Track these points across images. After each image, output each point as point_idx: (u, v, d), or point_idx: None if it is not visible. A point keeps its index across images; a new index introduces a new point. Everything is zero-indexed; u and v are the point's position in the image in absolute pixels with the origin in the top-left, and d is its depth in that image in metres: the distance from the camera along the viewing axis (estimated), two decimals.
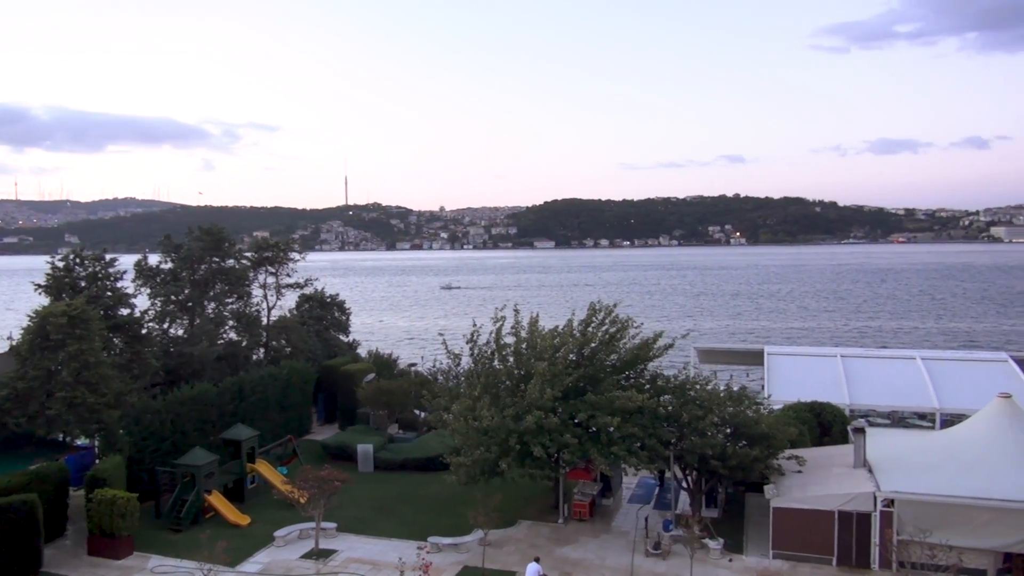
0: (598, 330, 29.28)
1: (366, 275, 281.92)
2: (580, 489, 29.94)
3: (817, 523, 24.71)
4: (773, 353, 41.80)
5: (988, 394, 28.21)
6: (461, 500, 29.41)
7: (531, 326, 30.20)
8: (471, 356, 30.16)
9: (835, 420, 33.01)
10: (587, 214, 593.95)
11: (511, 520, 28.75)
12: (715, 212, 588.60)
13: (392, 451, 37.08)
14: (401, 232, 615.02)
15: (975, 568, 23.16)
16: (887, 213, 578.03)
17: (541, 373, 26.70)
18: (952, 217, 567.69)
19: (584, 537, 27.50)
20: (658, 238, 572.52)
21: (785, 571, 24.40)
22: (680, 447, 26.97)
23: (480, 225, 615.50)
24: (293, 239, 55.81)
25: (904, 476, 25.00)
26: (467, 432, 27.42)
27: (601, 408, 26.46)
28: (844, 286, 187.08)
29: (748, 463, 26.33)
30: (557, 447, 26.59)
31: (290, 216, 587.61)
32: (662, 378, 29.55)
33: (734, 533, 27.21)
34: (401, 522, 29.14)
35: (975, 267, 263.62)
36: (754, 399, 29.13)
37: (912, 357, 40.32)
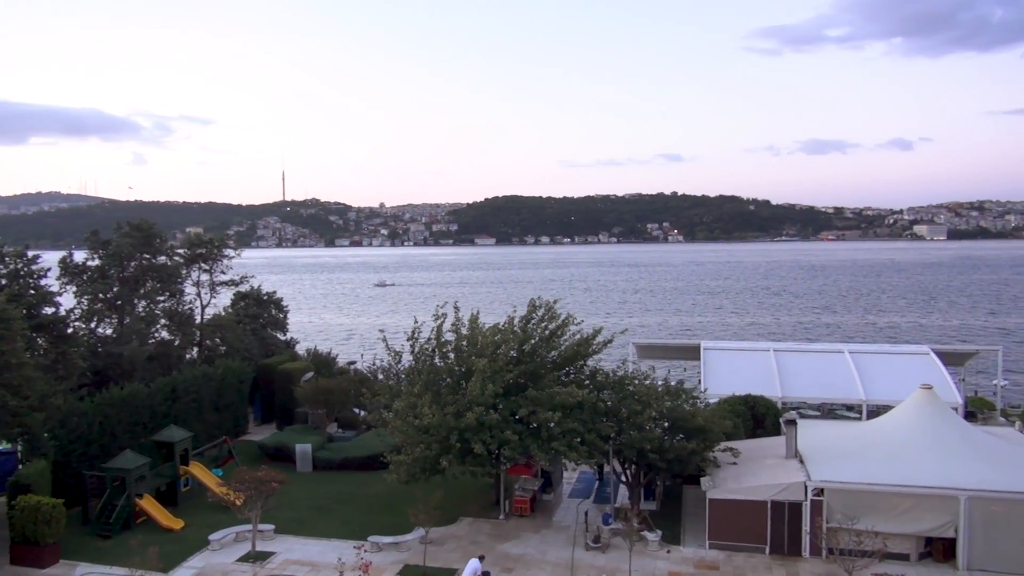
0: (538, 327, 29.46)
1: (304, 272, 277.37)
2: (521, 485, 30.10)
3: (751, 513, 25.38)
4: (709, 348, 42.71)
5: (911, 385, 29.37)
6: (402, 499, 29.23)
7: (472, 323, 30.19)
8: (412, 354, 29.99)
9: (768, 412, 33.93)
10: (528, 211, 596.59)
11: (452, 517, 28.72)
12: (653, 210, 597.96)
13: (331, 450, 36.61)
14: (340, 229, 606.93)
15: (899, 552, 24.13)
16: (817, 211, 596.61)
17: (482, 370, 26.73)
18: (878, 216, 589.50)
19: (525, 533, 27.65)
20: (598, 235, 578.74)
21: (721, 561, 24.98)
22: (619, 441, 27.35)
23: (421, 222, 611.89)
24: (228, 235, 54.96)
25: (833, 466, 25.87)
26: (407, 430, 27.28)
27: (542, 404, 26.64)
28: (777, 282, 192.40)
29: (685, 456, 26.88)
30: (498, 443, 26.67)
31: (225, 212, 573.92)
32: (602, 373, 29.90)
33: (672, 525, 27.73)
34: (341, 522, 28.81)
35: (899, 264, 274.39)
36: (691, 393, 29.71)
37: (840, 351, 41.72)
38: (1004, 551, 23.54)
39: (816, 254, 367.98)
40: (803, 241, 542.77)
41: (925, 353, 40.76)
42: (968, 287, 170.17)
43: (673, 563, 24.83)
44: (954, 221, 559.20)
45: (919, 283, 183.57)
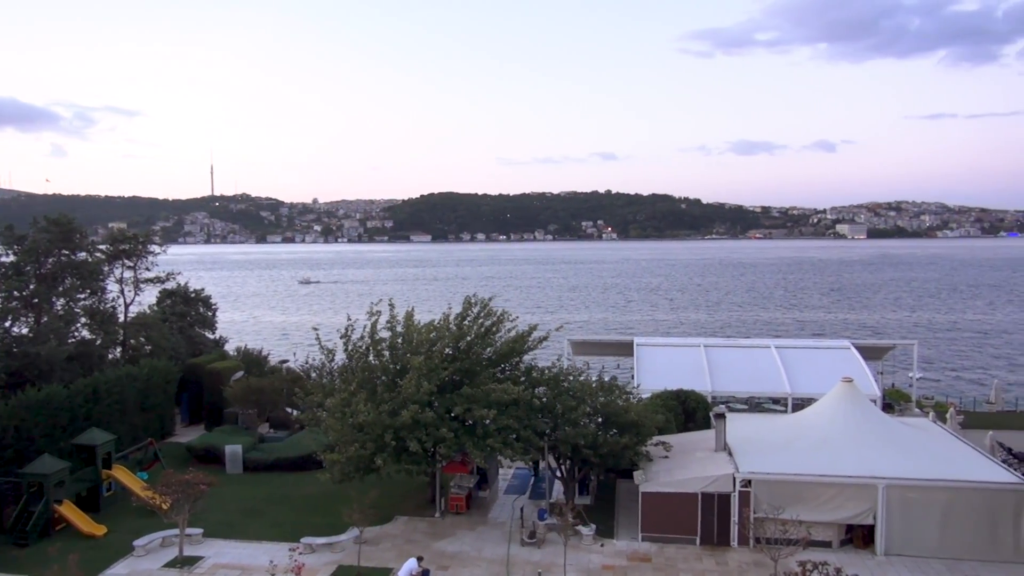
0: (474, 324, 29.45)
1: (235, 269, 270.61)
2: (457, 482, 30.08)
3: (682, 505, 25.95)
4: (642, 344, 43.46)
5: (833, 379, 30.52)
6: (336, 498, 28.88)
7: (407, 320, 30.00)
8: (346, 352, 29.62)
9: (698, 407, 34.74)
10: (464, 208, 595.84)
11: (387, 516, 28.52)
12: (588, 208, 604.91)
13: (263, 451, 35.88)
14: (272, 224, 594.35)
15: (822, 540, 25.05)
16: (746, 210, 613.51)
17: (417, 368, 26.60)
18: (803, 215, 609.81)
19: (461, 530, 27.64)
20: (534, 233, 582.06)
21: (653, 553, 25.47)
22: (554, 437, 27.59)
23: (355, 218, 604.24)
24: (153, 231, 52.97)
25: (760, 458, 26.68)
26: (342, 429, 26.95)
27: (477, 401, 26.66)
28: (708, 280, 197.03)
29: (618, 451, 27.29)
30: (433, 441, 26.58)
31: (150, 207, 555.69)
32: (537, 370, 30.09)
33: (606, 519, 28.14)
34: (273, 524, 28.26)
35: (822, 262, 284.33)
36: (624, 389, 30.15)
37: (767, 346, 43.01)
38: (919, 536, 24.70)
39: (745, 252, 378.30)
40: (732, 239, 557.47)
41: (846, 348, 42.38)
42: (886, 284, 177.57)
43: (607, 556, 25.20)
44: (873, 221, 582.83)
45: (841, 280, 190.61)
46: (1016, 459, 33.99)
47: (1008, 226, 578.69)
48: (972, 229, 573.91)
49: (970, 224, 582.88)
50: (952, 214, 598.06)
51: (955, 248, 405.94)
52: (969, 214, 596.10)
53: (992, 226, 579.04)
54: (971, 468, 25.68)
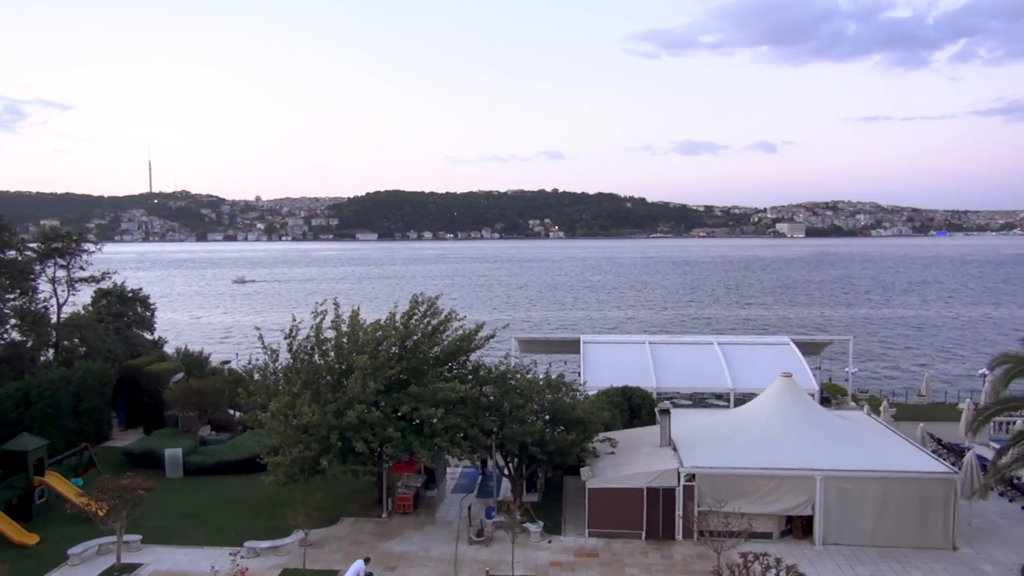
0: (421, 323, 29.30)
1: (175, 268, 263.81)
2: (404, 482, 29.89)
3: (628, 501, 26.28)
4: (588, 342, 43.82)
5: (773, 374, 31.24)
6: (280, 501, 28.39)
7: (352, 319, 29.68)
8: (290, 352, 29.14)
9: (644, 403, 35.21)
10: (411, 206, 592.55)
11: (333, 518, 28.18)
12: (535, 206, 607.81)
13: (204, 454, 35.07)
14: (213, 222, 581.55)
15: (763, 531, 25.68)
16: (689, 209, 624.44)
17: (363, 367, 26.34)
18: (744, 214, 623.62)
19: (408, 530, 27.49)
20: (480, 231, 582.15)
21: (600, 548, 25.74)
22: (501, 435, 27.64)
23: (299, 216, 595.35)
24: (88, 228, 51.04)
25: (703, 452, 27.19)
26: (285, 430, 26.52)
27: (424, 400, 26.54)
28: (653, 277, 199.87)
29: (566, 447, 27.48)
30: (380, 441, 26.36)
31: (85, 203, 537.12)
32: (484, 368, 30.08)
33: (553, 515, 28.31)
34: (215, 528, 27.65)
35: (763, 260, 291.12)
36: (571, 386, 30.36)
37: (710, 343, 43.83)
38: (855, 525, 25.50)
39: (689, 250, 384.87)
40: (676, 238, 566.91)
41: (786, 343, 43.46)
42: (824, 282, 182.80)
43: (554, 553, 25.36)
44: (811, 220, 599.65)
45: (781, 278, 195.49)
46: (945, 449, 35.37)
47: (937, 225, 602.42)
48: (904, 228, 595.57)
49: (902, 223, 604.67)
50: (885, 213, 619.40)
51: (888, 246, 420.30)
52: (901, 213, 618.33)
53: (923, 225, 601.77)
54: (903, 459, 26.63)
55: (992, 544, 25.70)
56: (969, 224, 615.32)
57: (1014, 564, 24.13)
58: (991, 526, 27.29)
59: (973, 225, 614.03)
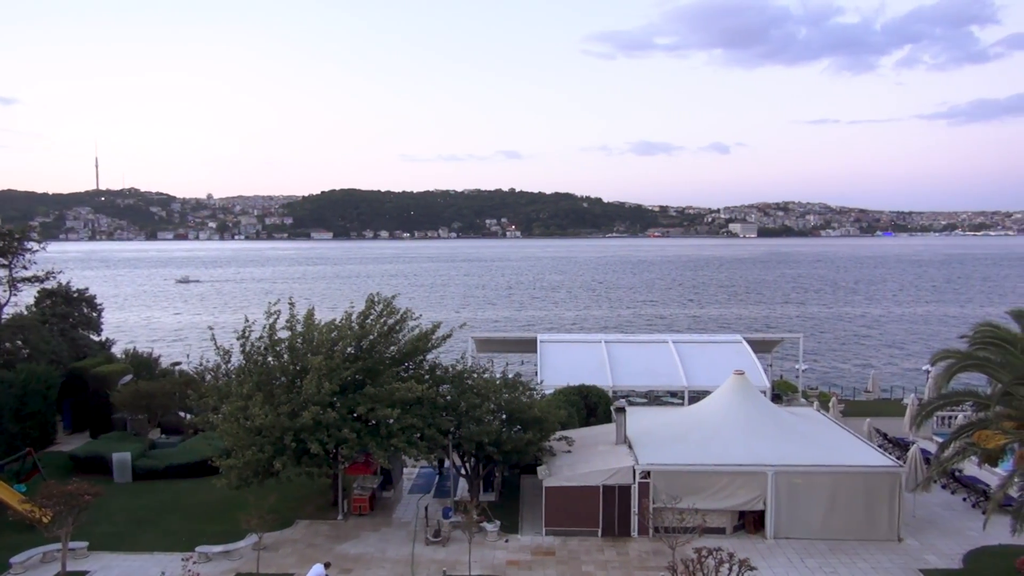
0: (377, 322, 29.07)
1: (123, 267, 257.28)
2: (360, 483, 29.64)
3: (584, 499, 26.46)
4: (545, 341, 44.02)
5: (726, 372, 31.78)
6: (233, 504, 27.92)
7: (307, 320, 29.33)
8: (242, 352, 28.66)
9: (600, 401, 35.47)
10: (367, 205, 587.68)
11: (288, 521, 27.82)
12: (492, 205, 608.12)
13: (154, 458, 34.29)
14: (163, 221, 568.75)
15: (716, 527, 26.08)
16: (645, 209, 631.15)
17: (317, 367, 26.04)
18: (698, 214, 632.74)
19: (364, 531, 27.28)
20: (437, 230, 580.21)
21: (556, 546, 25.87)
22: (458, 435, 27.60)
23: (253, 215, 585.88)
24: (31, 226, 49.55)
25: (658, 450, 27.52)
26: (238, 432, 26.06)
27: (380, 400, 26.35)
28: (609, 277, 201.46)
29: (522, 447, 27.56)
30: (335, 442, 26.09)
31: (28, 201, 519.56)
32: (441, 368, 30.00)
33: (510, 514, 28.37)
34: (165, 534, 27.06)
35: (717, 259, 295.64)
36: (528, 385, 30.46)
37: (665, 341, 44.37)
38: (805, 519, 26.07)
39: (644, 250, 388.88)
40: (632, 237, 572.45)
41: (738, 342, 44.23)
42: (775, 281, 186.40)
43: (511, 552, 25.41)
44: (763, 220, 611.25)
45: (733, 277, 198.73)
46: (891, 444, 36.38)
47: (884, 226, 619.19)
48: (852, 229, 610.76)
49: (850, 224, 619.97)
50: (834, 214, 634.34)
51: (837, 247, 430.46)
52: (849, 214, 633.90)
53: (869, 226, 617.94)
54: (851, 453, 27.31)
55: (935, 535, 26.53)
56: (913, 225, 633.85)
57: (956, 554, 24.95)
58: (934, 517, 28.17)
59: (917, 226, 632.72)
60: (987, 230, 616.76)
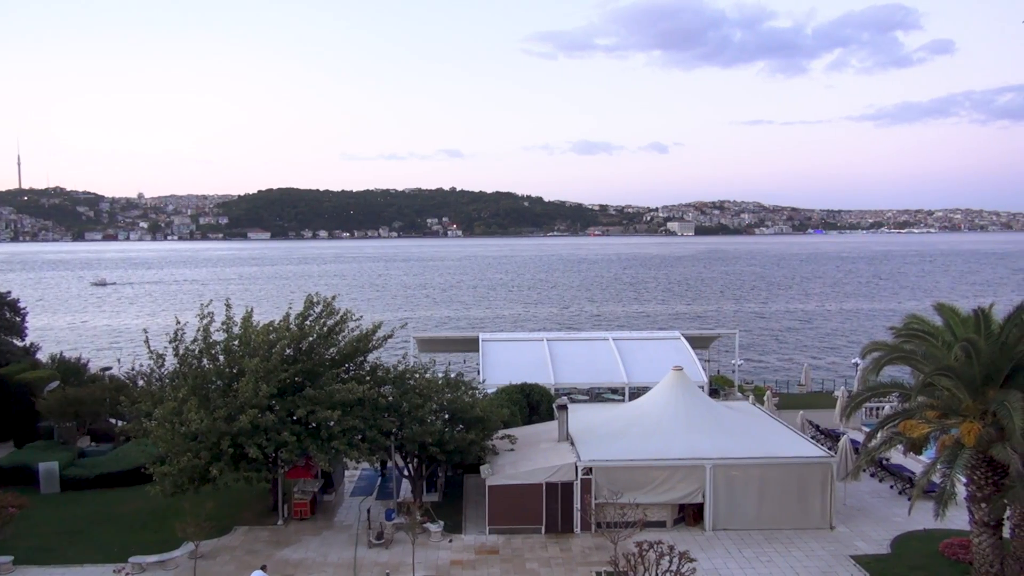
0: (316, 323, 28.67)
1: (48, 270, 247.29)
2: (300, 487, 29.16)
3: (528, 496, 26.58)
4: (487, 340, 44.04)
5: (665, 368, 32.30)
6: (168, 512, 27.17)
7: (244, 321, 28.72)
8: (176, 356, 27.89)
9: (542, 399, 35.65)
10: (305, 204, 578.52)
11: (226, 528, 27.17)
12: (433, 205, 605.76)
13: (83, 467, 33.08)
14: (91, 221, 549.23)
15: (657, 520, 26.53)
16: (585, 208, 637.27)
17: (254, 370, 25.53)
18: (637, 213, 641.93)
19: (306, 536, 26.86)
20: (378, 229, 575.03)
21: (500, 545, 25.92)
22: (400, 436, 27.41)
23: (186, 214, 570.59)
24: None
25: (600, 446, 27.83)
26: (172, 438, 25.36)
27: (320, 402, 25.99)
28: (550, 275, 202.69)
29: (465, 446, 27.53)
30: (275, 446, 25.64)
31: None
32: (382, 368, 29.75)
33: (454, 514, 28.30)
34: (96, 545, 26.11)
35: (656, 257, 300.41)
36: (470, 384, 30.44)
37: (606, 338, 44.89)
38: (742, 510, 26.72)
39: (585, 248, 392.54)
40: (573, 236, 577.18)
41: (676, 338, 45.05)
42: (712, 278, 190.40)
43: (455, 552, 25.36)
44: (700, 219, 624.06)
45: (672, 275, 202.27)
46: (823, 435, 37.58)
47: (815, 224, 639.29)
48: (784, 227, 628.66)
49: (783, 222, 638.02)
50: (768, 213, 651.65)
51: (771, 244, 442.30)
52: (782, 213, 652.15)
53: (801, 224, 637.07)
54: (785, 445, 28.11)
55: (864, 522, 27.52)
56: (842, 223, 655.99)
57: (884, 539, 25.93)
58: (863, 505, 29.21)
59: (846, 224, 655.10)
60: (911, 227, 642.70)
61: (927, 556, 24.42)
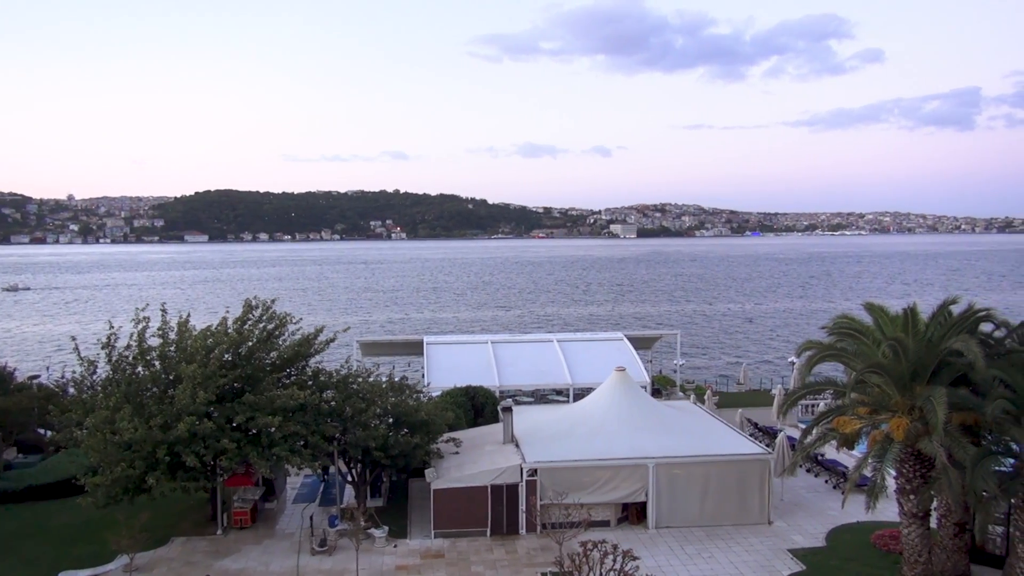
0: (255, 327, 28.16)
1: None
2: (240, 495, 28.54)
3: (473, 499, 26.56)
4: (432, 343, 43.87)
5: (608, 368, 32.68)
6: (101, 525, 26.32)
7: (180, 326, 28.00)
8: (109, 363, 27.02)
9: (487, 402, 35.70)
10: (244, 206, 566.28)
11: (162, 539, 26.43)
12: (376, 207, 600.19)
13: (9, 479, 31.73)
14: (17, 223, 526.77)
15: (601, 520, 26.82)
16: (529, 211, 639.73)
17: (191, 376, 24.91)
18: (580, 215, 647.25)
19: (246, 545, 26.30)
20: (320, 232, 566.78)
21: (446, 548, 25.83)
22: (344, 441, 27.08)
23: (120, 217, 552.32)
24: None
25: (544, 447, 27.98)
26: (105, 448, 24.55)
27: (261, 408, 25.50)
28: (495, 278, 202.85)
29: (410, 450, 27.35)
30: (213, 454, 25.04)
31: None
32: (324, 373, 29.37)
33: (399, 519, 28.10)
34: (24, 561, 25.10)
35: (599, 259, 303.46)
36: (415, 388, 30.29)
37: (550, 340, 45.18)
38: (683, 508, 27.20)
39: (530, 251, 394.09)
40: (517, 239, 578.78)
41: (619, 339, 45.61)
42: (654, 280, 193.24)
43: (400, 557, 25.18)
44: (642, 221, 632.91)
45: (616, 276, 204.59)
46: (761, 432, 38.48)
47: (752, 226, 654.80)
48: (723, 229, 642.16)
49: (722, 224, 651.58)
50: (707, 215, 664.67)
51: (710, 246, 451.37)
52: (721, 215, 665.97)
53: (739, 226, 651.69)
54: (725, 443, 28.73)
55: (801, 516, 28.31)
56: (779, 225, 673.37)
57: (819, 533, 26.73)
58: (800, 500, 30.05)
59: (782, 226, 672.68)
60: (843, 230, 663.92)
61: (860, 547, 25.26)
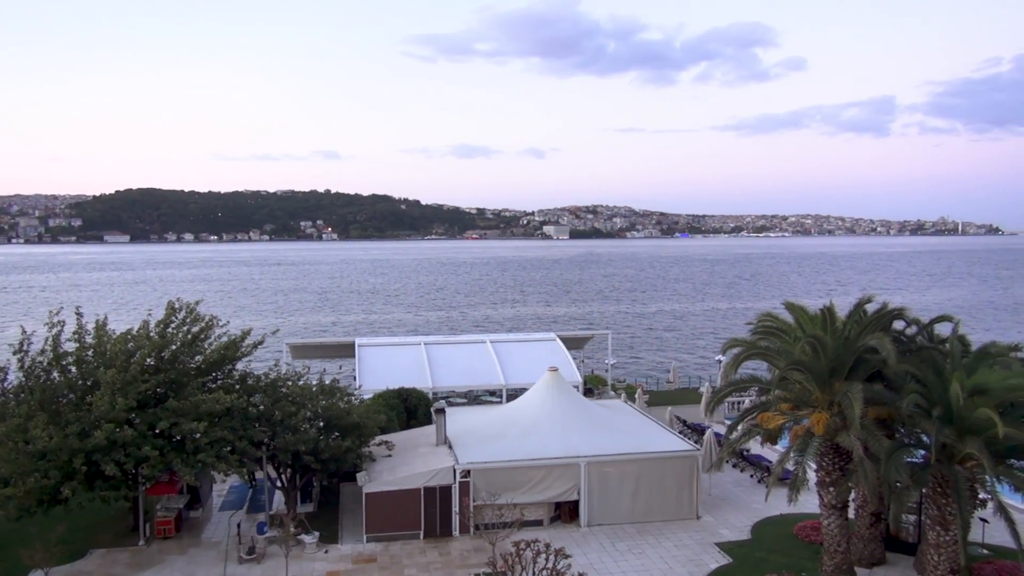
0: (179, 330, 27.29)
1: None
2: (164, 504, 27.60)
3: (406, 502, 26.34)
4: (363, 345, 43.33)
5: (541, 369, 32.89)
6: (13, 538, 25.05)
7: (98, 330, 26.93)
8: (21, 368, 25.77)
9: (420, 403, 35.48)
10: (168, 206, 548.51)
11: (80, 552, 25.33)
12: (307, 207, 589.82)
13: None
14: None
15: (534, 519, 26.97)
16: (463, 212, 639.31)
17: (110, 381, 23.97)
18: (514, 217, 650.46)
19: (170, 556, 25.45)
20: (248, 232, 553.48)
21: (378, 552, 25.54)
22: (272, 446, 26.49)
23: (33, 216, 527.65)
24: None
25: (477, 448, 27.97)
26: (17, 458, 23.39)
27: (185, 414, 24.72)
28: (428, 279, 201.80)
29: (341, 454, 26.92)
30: (135, 462, 24.14)
31: None
32: (252, 377, 28.64)
33: (330, 524, 27.67)
34: None
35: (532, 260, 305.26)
36: (346, 391, 29.85)
37: (483, 341, 45.18)
38: (615, 505, 27.58)
39: (463, 252, 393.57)
40: (451, 239, 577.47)
41: (552, 339, 45.96)
42: (586, 280, 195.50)
43: (331, 562, 24.78)
44: (575, 223, 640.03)
45: (548, 277, 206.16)
46: (690, 429, 39.38)
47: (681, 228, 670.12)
48: (654, 231, 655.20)
49: (652, 226, 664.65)
50: (638, 217, 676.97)
51: (642, 247, 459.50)
52: (651, 217, 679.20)
53: (669, 228, 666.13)
54: (654, 441, 29.26)
55: (728, 510, 29.07)
56: (706, 227, 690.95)
57: (745, 526, 27.49)
58: (727, 494, 30.85)
59: (709, 228, 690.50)
60: (767, 232, 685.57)
61: (783, 539, 26.10)
